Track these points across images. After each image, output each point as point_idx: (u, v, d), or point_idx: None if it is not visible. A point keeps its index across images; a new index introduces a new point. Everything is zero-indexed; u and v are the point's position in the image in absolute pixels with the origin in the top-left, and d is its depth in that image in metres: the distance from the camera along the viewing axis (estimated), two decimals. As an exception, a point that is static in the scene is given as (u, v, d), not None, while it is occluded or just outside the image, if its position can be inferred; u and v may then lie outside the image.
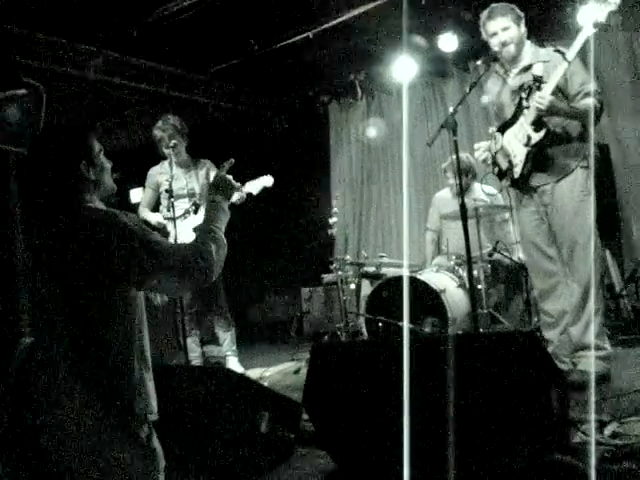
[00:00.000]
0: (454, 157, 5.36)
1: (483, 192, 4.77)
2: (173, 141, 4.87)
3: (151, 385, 2.06)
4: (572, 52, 3.54)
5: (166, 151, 4.88)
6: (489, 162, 4.07)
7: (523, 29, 3.86)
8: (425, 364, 2.60)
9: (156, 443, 2.03)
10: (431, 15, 5.76)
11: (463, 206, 3.71)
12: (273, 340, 7.04)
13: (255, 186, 4.63)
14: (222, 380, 3.08)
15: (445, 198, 5.64)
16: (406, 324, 4.58)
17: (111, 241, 1.88)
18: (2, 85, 4.09)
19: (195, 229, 2.19)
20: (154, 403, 2.05)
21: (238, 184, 2.33)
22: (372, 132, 7.28)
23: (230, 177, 2.28)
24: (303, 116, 7.49)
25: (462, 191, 3.73)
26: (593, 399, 3.07)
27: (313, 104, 7.39)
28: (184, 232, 4.83)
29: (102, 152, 2.09)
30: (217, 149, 5.41)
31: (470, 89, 3.75)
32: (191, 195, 5.01)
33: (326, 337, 5.74)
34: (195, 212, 4.87)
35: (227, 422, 3.05)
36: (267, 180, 4.70)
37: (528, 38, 3.92)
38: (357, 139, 7.44)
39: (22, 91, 4.17)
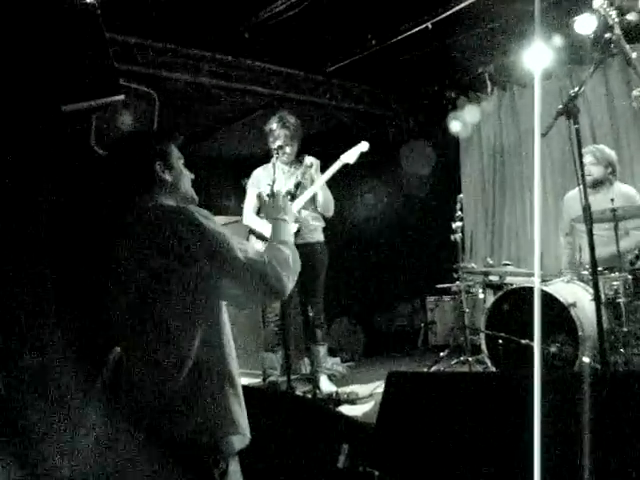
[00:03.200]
0: (590, 148, 4.73)
1: (620, 192, 4.09)
2: (278, 142, 4.63)
3: (238, 408, 1.89)
4: None
5: (275, 149, 4.62)
6: None
7: None
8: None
9: None
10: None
11: (588, 208, 3.09)
12: (398, 350, 6.68)
13: (351, 155, 4.52)
14: (292, 407, 2.72)
15: (575, 198, 4.94)
16: (537, 353, 3.97)
17: (177, 235, 1.82)
18: (100, 92, 4.01)
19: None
20: (244, 425, 1.88)
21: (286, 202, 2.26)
22: (505, 128, 6.64)
23: (280, 199, 2.24)
24: (430, 113, 6.97)
25: (585, 191, 3.11)
26: None
27: (440, 100, 6.83)
28: None
29: (182, 160, 2.10)
30: (341, 151, 5.14)
31: (594, 69, 3.11)
32: (296, 186, 4.68)
33: (446, 351, 5.24)
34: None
35: (299, 455, 2.70)
36: (362, 146, 4.56)
37: None
38: (488, 136, 6.80)
39: (120, 97, 4.10)
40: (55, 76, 3.84)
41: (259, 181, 4.82)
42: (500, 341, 4.31)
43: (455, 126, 6.74)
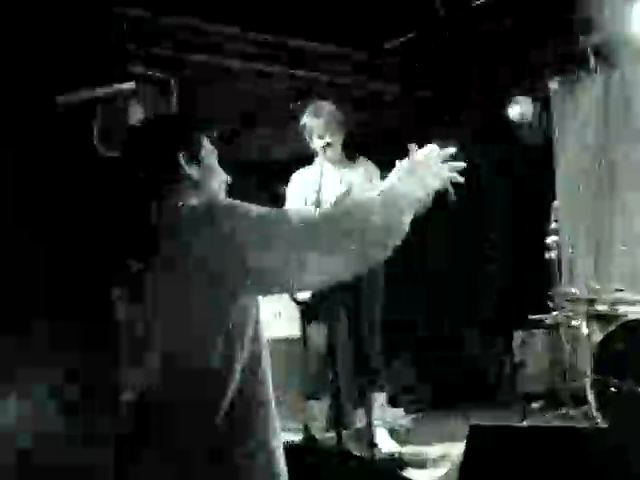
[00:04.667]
0: None
1: None
2: (326, 139, 4.66)
3: (282, 460, 1.91)
4: None
5: (317, 147, 4.69)
6: None
7: None
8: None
9: None
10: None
11: None
12: (477, 399, 6.54)
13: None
14: (344, 470, 2.70)
15: None
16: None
17: (224, 234, 1.82)
18: (106, 79, 4.09)
19: None
20: None
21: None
22: (614, 117, 6.52)
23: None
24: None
25: None
26: None
27: (530, 83, 6.76)
28: None
29: (215, 156, 2.14)
30: (397, 150, 5.12)
31: None
32: None
33: (540, 402, 5.16)
34: None
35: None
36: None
37: None
38: (593, 128, 6.69)
39: (130, 85, 4.17)
40: (50, 59, 3.91)
41: (302, 185, 4.86)
42: (612, 389, 4.23)
43: (545, 115, 6.69)
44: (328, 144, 4.68)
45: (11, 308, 3.64)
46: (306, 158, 5.03)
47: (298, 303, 4.91)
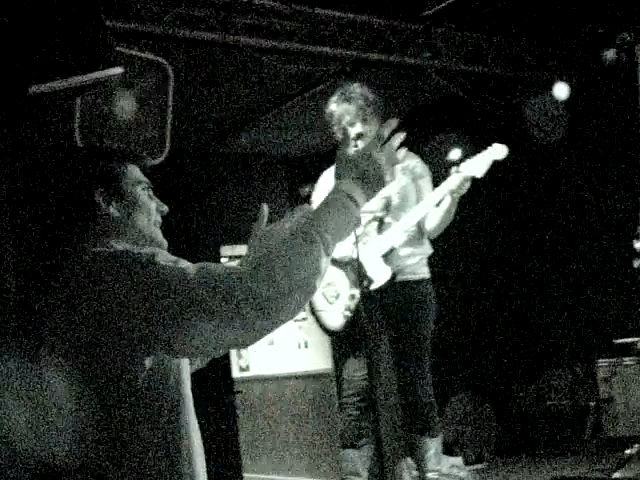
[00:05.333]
0: None
1: None
2: (358, 128, 4.59)
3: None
4: None
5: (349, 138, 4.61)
6: None
7: None
8: None
9: None
10: None
11: None
12: (554, 445, 6.59)
13: (477, 165, 4.43)
14: None
15: None
16: None
17: (113, 290, 1.91)
18: (88, 64, 4.03)
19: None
20: None
21: (395, 162, 2.13)
22: None
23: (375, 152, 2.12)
24: (590, 72, 6.81)
25: None
26: None
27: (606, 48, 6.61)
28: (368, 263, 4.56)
29: (141, 186, 2.20)
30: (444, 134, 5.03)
31: None
32: (386, 207, 4.66)
33: (635, 447, 5.10)
34: (379, 231, 4.61)
35: None
36: (496, 151, 4.48)
37: None
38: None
39: (116, 71, 4.11)
40: (19, 43, 3.85)
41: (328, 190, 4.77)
42: None
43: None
44: (360, 135, 4.58)
45: None
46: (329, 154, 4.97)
47: (328, 332, 4.85)
